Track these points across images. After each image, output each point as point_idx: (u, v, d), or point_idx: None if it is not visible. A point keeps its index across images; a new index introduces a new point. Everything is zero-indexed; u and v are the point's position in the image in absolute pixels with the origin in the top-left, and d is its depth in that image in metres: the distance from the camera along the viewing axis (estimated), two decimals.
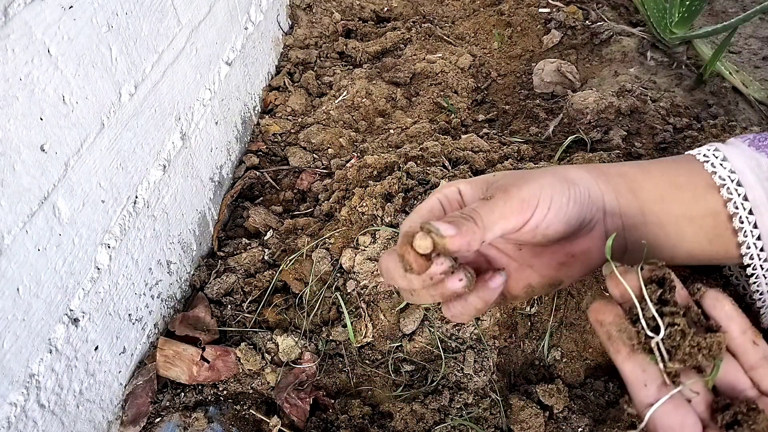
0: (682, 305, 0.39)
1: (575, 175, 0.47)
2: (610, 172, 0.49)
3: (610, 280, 0.41)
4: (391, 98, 1.02)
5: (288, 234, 0.82)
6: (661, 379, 0.37)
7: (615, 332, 0.39)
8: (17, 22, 0.45)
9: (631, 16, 1.21)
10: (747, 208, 0.47)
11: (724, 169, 0.47)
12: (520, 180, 0.44)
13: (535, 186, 0.44)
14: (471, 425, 0.62)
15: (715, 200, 0.48)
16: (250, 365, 0.67)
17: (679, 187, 0.49)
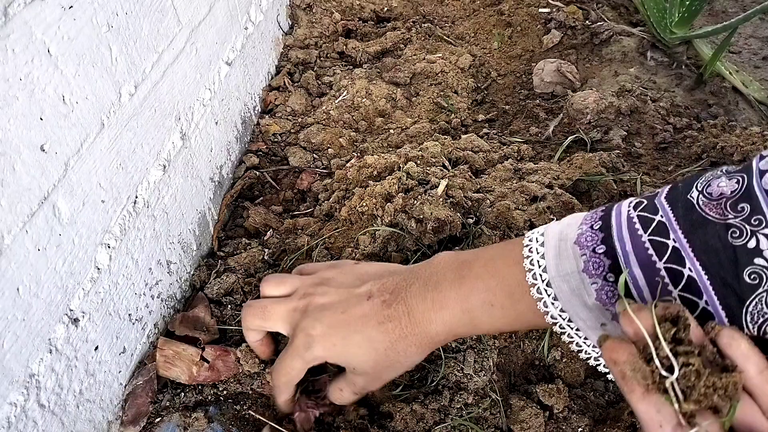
0: (697, 344, 0.38)
1: (414, 362, 0.57)
2: (444, 337, 0.55)
3: (624, 318, 0.41)
4: (391, 98, 1.02)
5: (288, 234, 0.82)
6: (677, 420, 0.36)
7: (629, 372, 0.38)
8: (17, 22, 0.45)
9: (631, 16, 1.21)
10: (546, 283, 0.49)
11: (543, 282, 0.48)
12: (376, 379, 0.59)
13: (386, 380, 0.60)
14: (471, 425, 0.62)
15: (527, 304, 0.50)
16: (249, 366, 0.67)
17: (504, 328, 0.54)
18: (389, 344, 0.55)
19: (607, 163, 0.83)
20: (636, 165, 0.87)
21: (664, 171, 0.86)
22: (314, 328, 0.57)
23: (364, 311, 0.56)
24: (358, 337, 0.55)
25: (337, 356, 0.57)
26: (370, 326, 0.55)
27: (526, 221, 0.74)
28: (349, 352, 0.56)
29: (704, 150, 0.88)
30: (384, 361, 0.56)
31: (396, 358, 0.56)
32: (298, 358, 0.58)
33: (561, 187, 0.79)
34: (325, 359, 0.57)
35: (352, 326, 0.56)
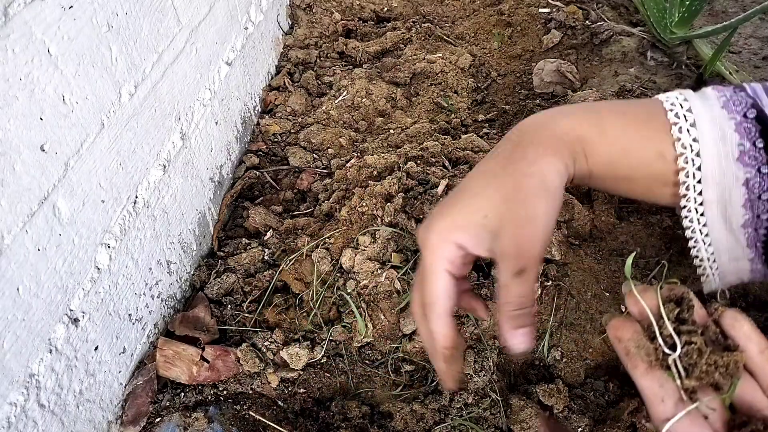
0: (700, 324, 0.39)
1: (554, 177, 0.45)
2: (572, 140, 0.47)
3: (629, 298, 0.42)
4: (391, 98, 1.02)
5: (288, 234, 0.82)
6: (679, 395, 0.38)
7: (633, 348, 0.39)
8: (17, 22, 0.45)
9: (631, 16, 1.21)
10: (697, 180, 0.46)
11: (689, 136, 0.46)
12: (522, 226, 0.44)
13: (539, 231, 0.44)
14: (471, 425, 0.62)
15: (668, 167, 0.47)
16: (249, 366, 0.67)
17: (632, 156, 0.48)
18: (513, 167, 0.45)
19: None
20: None
21: None
22: (428, 218, 0.47)
23: (484, 167, 0.47)
24: (481, 182, 0.46)
25: (458, 213, 0.45)
26: (491, 171, 0.46)
27: None
28: (472, 203, 0.45)
29: None
30: (521, 195, 0.44)
31: (533, 184, 0.44)
32: (421, 264, 0.46)
33: None
34: (450, 233, 0.45)
35: (471, 181, 0.47)
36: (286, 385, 0.68)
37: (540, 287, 0.71)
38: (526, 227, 0.44)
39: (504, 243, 0.44)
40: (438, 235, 0.45)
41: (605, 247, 0.75)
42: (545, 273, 0.72)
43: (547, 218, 0.44)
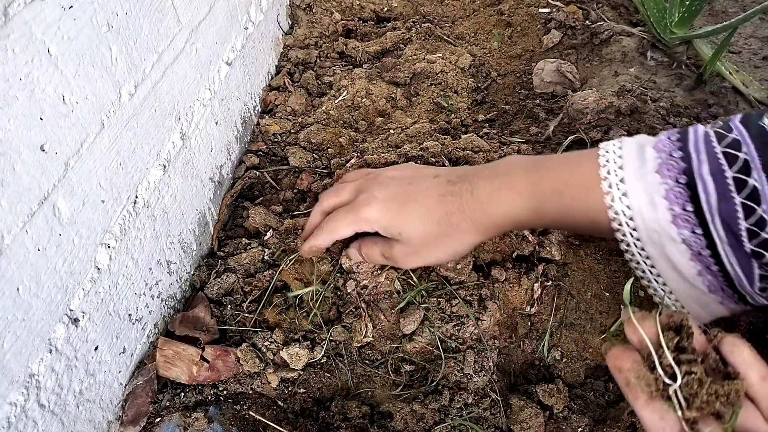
0: (700, 352, 0.39)
1: (467, 244, 0.58)
2: (504, 223, 0.56)
3: (628, 326, 0.42)
4: (391, 98, 1.02)
5: (288, 234, 0.82)
6: (680, 426, 0.37)
7: (633, 379, 0.39)
8: (17, 22, 0.45)
9: (631, 16, 1.21)
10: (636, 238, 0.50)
11: (622, 203, 0.50)
12: (417, 253, 0.60)
13: (428, 261, 0.61)
14: (471, 425, 0.62)
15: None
16: (249, 366, 0.67)
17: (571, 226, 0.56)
18: (444, 215, 0.56)
19: None
20: None
21: None
22: (380, 192, 0.60)
23: (428, 185, 0.58)
24: (416, 205, 0.58)
25: (390, 220, 0.59)
26: (430, 197, 0.57)
27: None
28: (402, 218, 0.58)
29: None
30: (434, 232, 0.57)
31: (446, 231, 0.56)
32: (352, 214, 0.61)
33: None
34: (377, 223, 0.59)
35: (413, 196, 0.58)
36: (286, 385, 0.68)
37: (540, 287, 0.71)
38: (417, 256, 0.60)
39: (398, 249, 0.60)
40: (366, 214, 0.60)
41: (605, 247, 0.75)
42: (545, 273, 0.72)
43: (438, 259, 0.61)
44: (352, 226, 0.62)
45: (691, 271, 0.49)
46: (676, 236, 0.48)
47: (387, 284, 0.70)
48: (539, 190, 0.53)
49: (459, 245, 0.57)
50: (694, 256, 0.48)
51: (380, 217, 0.59)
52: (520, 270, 0.72)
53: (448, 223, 0.56)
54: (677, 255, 0.49)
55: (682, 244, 0.48)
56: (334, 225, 0.63)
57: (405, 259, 0.61)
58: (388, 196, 0.59)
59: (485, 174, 0.57)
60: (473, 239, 0.57)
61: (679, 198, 0.47)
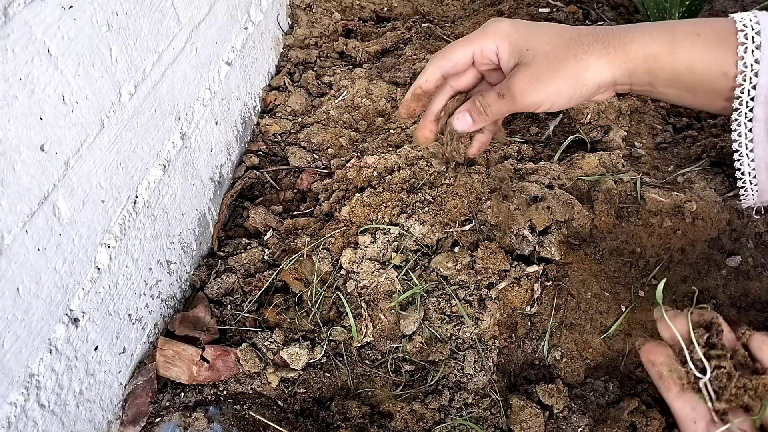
0: (729, 348, 0.42)
1: (593, 74, 0.52)
2: (636, 56, 0.52)
3: (661, 323, 0.44)
4: (391, 98, 1.02)
5: (288, 234, 0.82)
6: (710, 417, 0.39)
7: (666, 372, 0.42)
8: (17, 22, 0.45)
9: (631, 16, 1.21)
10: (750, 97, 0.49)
11: (752, 56, 0.49)
12: (539, 79, 0.52)
13: (548, 93, 0.52)
14: (471, 425, 0.62)
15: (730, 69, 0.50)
16: (249, 366, 0.67)
17: (697, 73, 0.52)
18: (575, 35, 0.52)
19: (607, 163, 0.83)
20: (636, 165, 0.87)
21: (664, 171, 0.86)
22: (502, 18, 0.56)
23: (559, 30, 0.54)
24: (547, 26, 0.54)
25: (520, 33, 0.54)
26: (561, 25, 0.54)
27: (526, 221, 0.74)
28: (532, 31, 0.54)
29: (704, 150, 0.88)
30: (563, 51, 0.52)
31: (575, 52, 0.52)
32: (475, 34, 0.56)
33: (561, 187, 0.79)
34: (506, 36, 0.54)
35: (543, 24, 0.55)
36: (286, 385, 0.68)
37: (540, 287, 0.71)
38: (536, 87, 0.53)
39: (514, 80, 0.53)
40: (496, 27, 0.55)
41: (605, 247, 0.75)
42: (545, 273, 0.72)
43: (555, 95, 0.53)
44: (475, 43, 0.55)
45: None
46: None
47: (387, 284, 0.70)
48: (676, 29, 0.52)
49: (585, 72, 0.52)
50: None
51: (510, 30, 0.54)
52: (520, 270, 0.72)
53: (579, 43, 0.52)
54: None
55: None
56: (447, 50, 0.57)
57: (525, 88, 0.53)
58: (515, 20, 0.55)
59: (620, 28, 0.54)
60: (601, 68, 0.52)
61: None
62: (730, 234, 0.75)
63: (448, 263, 0.69)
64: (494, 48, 0.55)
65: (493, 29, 0.55)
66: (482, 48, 0.55)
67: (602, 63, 0.52)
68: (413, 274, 0.71)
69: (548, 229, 0.75)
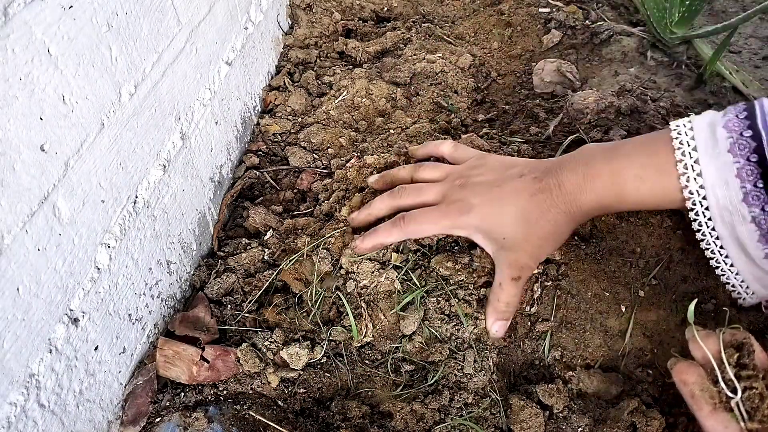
0: (761, 368, 0.42)
1: (565, 233, 0.62)
2: (591, 207, 0.60)
3: (692, 343, 0.46)
4: (391, 98, 1.02)
5: (288, 234, 0.82)
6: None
7: (698, 391, 0.43)
8: (17, 22, 0.45)
9: (631, 15, 1.21)
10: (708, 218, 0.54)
11: (696, 183, 0.53)
12: (533, 255, 0.61)
13: (538, 260, 0.63)
14: (471, 425, 0.62)
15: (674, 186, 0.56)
16: (249, 366, 0.67)
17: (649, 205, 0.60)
18: (540, 214, 0.59)
19: None
20: None
21: None
22: (474, 198, 0.62)
23: (517, 186, 0.61)
24: (512, 208, 0.60)
25: (490, 226, 0.61)
26: (522, 198, 0.60)
27: None
28: (502, 222, 0.60)
29: None
30: (535, 231, 0.60)
31: (547, 228, 0.60)
32: (449, 220, 0.63)
33: None
34: (477, 228, 0.62)
35: (506, 199, 0.61)
36: (286, 385, 0.68)
37: (540, 287, 0.71)
38: (530, 258, 0.61)
39: (510, 258, 0.60)
40: (464, 222, 0.62)
41: (605, 247, 0.75)
42: (545, 273, 0.72)
43: (547, 252, 0.63)
44: (446, 231, 0.64)
45: (758, 253, 0.52)
46: (746, 214, 0.50)
47: (387, 284, 0.70)
48: (621, 179, 0.57)
49: (560, 235, 0.61)
50: (763, 237, 0.50)
51: (481, 224, 0.61)
52: None
53: (546, 220, 0.59)
54: (746, 236, 0.52)
55: (752, 224, 0.50)
56: (420, 226, 0.65)
57: (527, 259, 0.62)
58: (483, 203, 0.62)
59: (567, 166, 0.60)
60: (570, 228, 0.61)
61: (751, 176, 0.50)
62: None
63: (448, 263, 0.69)
64: (470, 239, 0.64)
65: (466, 223, 0.62)
66: (453, 230, 0.64)
67: (568, 225, 0.62)
68: (413, 275, 0.71)
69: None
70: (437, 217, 0.64)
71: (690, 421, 0.61)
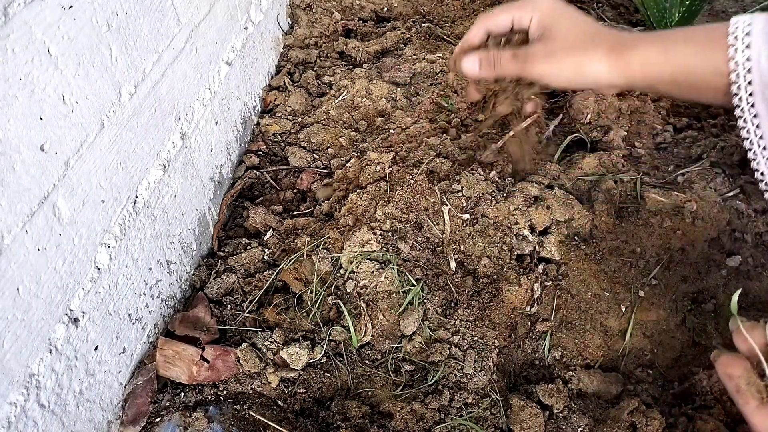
0: None
1: (592, 70, 0.58)
2: (633, 63, 0.57)
3: (737, 335, 0.44)
4: (391, 98, 1.02)
5: (288, 234, 0.82)
6: None
7: (744, 385, 0.41)
8: (17, 22, 0.45)
9: (631, 16, 1.21)
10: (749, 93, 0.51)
11: (743, 55, 0.52)
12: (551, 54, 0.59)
13: (553, 68, 0.59)
14: (471, 425, 0.62)
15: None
16: (249, 366, 0.67)
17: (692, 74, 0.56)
18: (596, 32, 0.59)
19: (607, 163, 0.83)
20: (636, 165, 0.87)
21: (664, 171, 0.86)
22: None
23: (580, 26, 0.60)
24: (578, 14, 0.60)
25: (554, 13, 0.60)
26: (590, 20, 0.60)
27: (526, 221, 0.74)
28: (563, 15, 0.60)
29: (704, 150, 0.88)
30: (578, 40, 0.59)
31: (587, 45, 0.58)
32: (515, 4, 0.62)
33: (561, 187, 0.79)
34: (540, 12, 0.61)
35: (577, 10, 0.61)
36: (286, 385, 0.68)
37: (540, 287, 0.71)
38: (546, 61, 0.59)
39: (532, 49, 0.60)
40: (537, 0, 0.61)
41: (605, 247, 0.75)
42: (545, 273, 0.72)
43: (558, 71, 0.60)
44: (515, 11, 0.62)
45: None
46: None
47: (387, 284, 0.70)
48: (672, 38, 0.56)
49: (587, 67, 0.58)
50: None
51: (546, 8, 0.61)
52: (520, 270, 0.72)
53: (593, 38, 0.58)
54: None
55: None
56: (490, 14, 0.63)
57: (537, 58, 0.60)
58: None
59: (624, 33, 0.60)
60: (601, 69, 0.58)
61: None
62: (730, 234, 0.75)
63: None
64: (529, 18, 0.61)
65: (534, 2, 0.61)
66: (521, 16, 0.61)
67: (603, 65, 0.57)
68: (411, 277, 0.71)
69: (548, 229, 0.75)
70: (506, 5, 0.64)
71: (690, 421, 0.61)
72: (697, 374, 0.65)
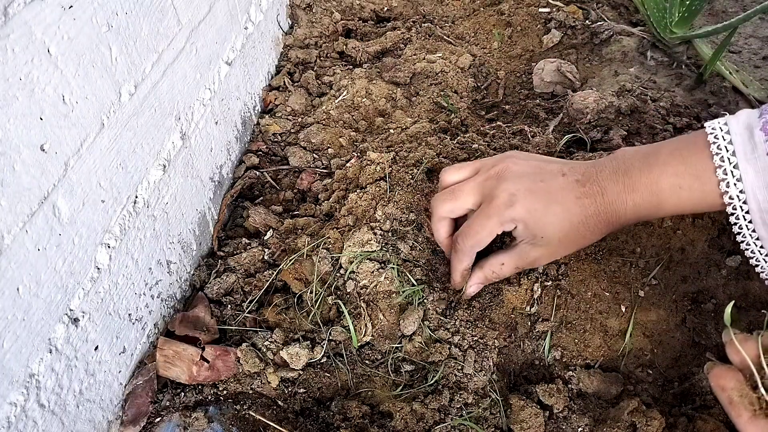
0: None
1: (591, 241, 0.61)
2: (628, 218, 0.59)
3: (730, 347, 0.44)
4: (391, 98, 1.02)
5: (288, 234, 0.82)
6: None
7: (736, 397, 0.41)
8: (17, 22, 0.45)
9: (631, 15, 1.21)
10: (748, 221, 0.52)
11: (736, 189, 0.52)
12: (554, 255, 0.62)
13: (556, 258, 0.63)
14: (471, 425, 0.62)
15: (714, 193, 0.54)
16: (249, 366, 0.67)
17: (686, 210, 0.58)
18: (584, 219, 0.58)
19: None
20: None
21: None
22: (517, 188, 0.58)
23: (561, 185, 0.58)
24: (558, 207, 0.57)
25: (535, 221, 0.58)
26: (569, 199, 0.58)
27: None
28: (546, 220, 0.58)
29: None
30: (573, 234, 0.58)
31: (584, 233, 0.59)
32: (494, 217, 0.59)
33: None
34: (522, 222, 0.58)
35: (553, 196, 0.58)
36: (286, 385, 0.68)
37: (540, 287, 0.71)
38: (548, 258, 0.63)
39: (532, 255, 0.61)
40: (512, 216, 0.59)
41: (605, 247, 0.75)
42: (545, 273, 0.72)
43: (565, 255, 0.65)
44: (497, 229, 0.60)
45: None
46: None
47: (387, 284, 0.70)
48: (659, 188, 0.56)
49: (589, 241, 0.60)
50: None
51: (527, 216, 0.58)
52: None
53: (587, 226, 0.58)
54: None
55: None
56: (474, 239, 0.61)
57: (542, 261, 0.63)
58: (527, 194, 0.58)
59: (606, 174, 0.58)
60: (603, 235, 0.60)
61: None
62: (730, 234, 0.75)
63: None
64: (512, 227, 0.60)
65: (511, 217, 0.59)
66: (502, 227, 0.60)
67: (602, 232, 0.60)
68: (411, 276, 0.71)
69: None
70: (484, 219, 0.60)
71: (690, 421, 0.61)
72: (697, 374, 0.65)
